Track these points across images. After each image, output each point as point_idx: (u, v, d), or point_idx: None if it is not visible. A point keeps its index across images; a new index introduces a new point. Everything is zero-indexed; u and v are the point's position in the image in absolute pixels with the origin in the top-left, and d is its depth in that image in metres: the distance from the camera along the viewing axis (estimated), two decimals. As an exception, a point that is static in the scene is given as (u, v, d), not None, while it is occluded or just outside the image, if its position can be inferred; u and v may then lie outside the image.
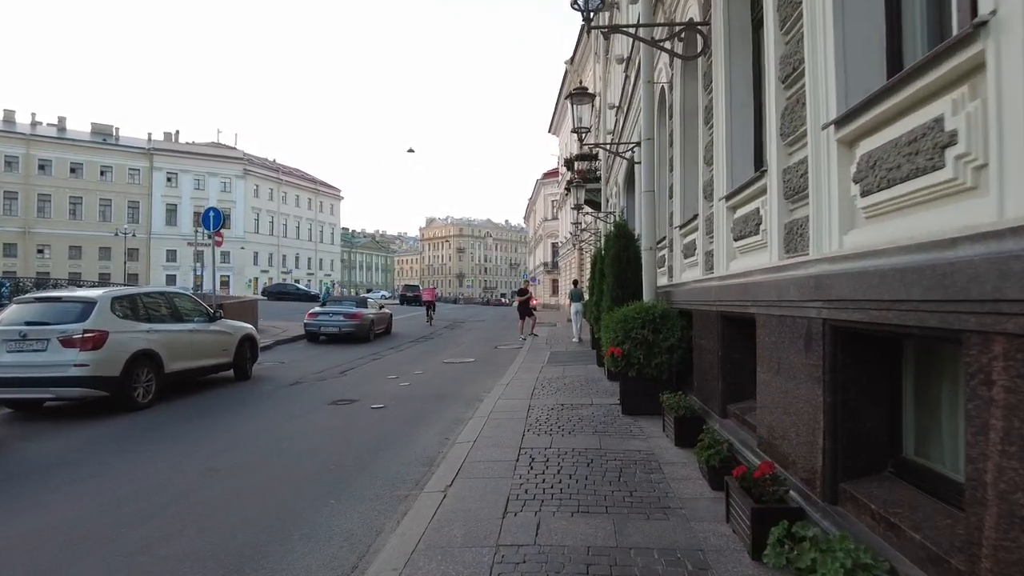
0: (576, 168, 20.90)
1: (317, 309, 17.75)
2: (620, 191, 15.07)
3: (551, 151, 70.18)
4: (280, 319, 23.72)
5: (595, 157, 20.39)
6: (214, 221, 16.34)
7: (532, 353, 13.77)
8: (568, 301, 17.18)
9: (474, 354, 14.58)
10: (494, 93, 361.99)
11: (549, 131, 48.12)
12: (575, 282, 18.42)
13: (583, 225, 24.19)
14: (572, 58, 33.68)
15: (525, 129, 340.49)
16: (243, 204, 74.33)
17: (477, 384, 9.75)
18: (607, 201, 18.39)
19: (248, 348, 10.82)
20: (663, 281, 7.60)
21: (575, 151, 23.43)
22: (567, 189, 22.67)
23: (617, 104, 14.03)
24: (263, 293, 49.37)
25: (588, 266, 31.33)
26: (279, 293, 43.30)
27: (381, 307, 20.19)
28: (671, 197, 7.42)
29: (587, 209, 24.47)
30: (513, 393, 8.07)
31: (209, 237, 22.31)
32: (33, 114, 64.83)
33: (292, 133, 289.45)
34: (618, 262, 8.85)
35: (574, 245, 30.01)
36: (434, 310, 27.07)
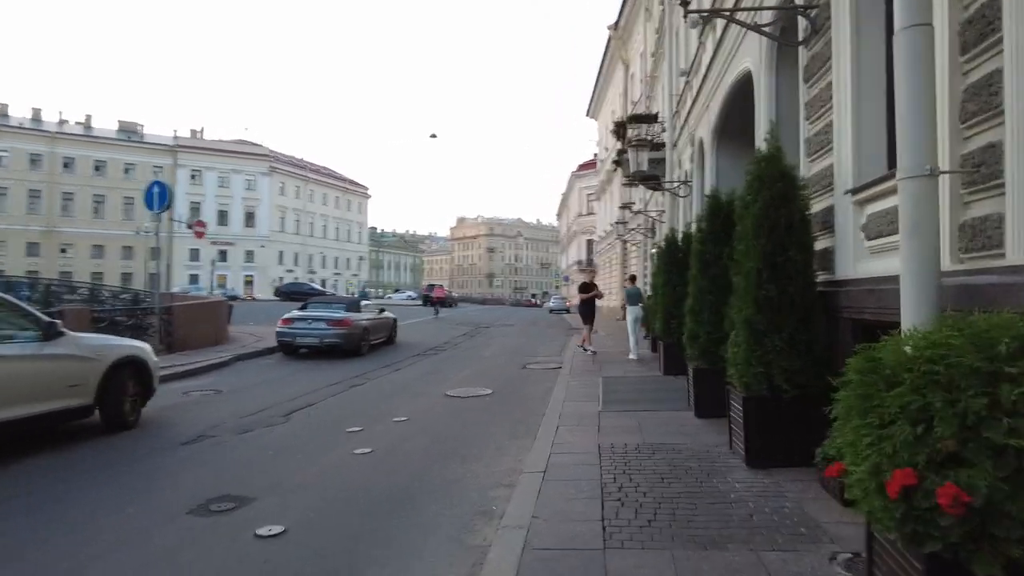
0: (628, 136, 16.43)
1: (295, 314, 13.71)
2: (704, 149, 10.58)
3: (589, 137, 65.88)
4: (271, 323, 19.89)
5: (654, 118, 15.89)
6: (159, 199, 12.52)
7: (577, 381, 9.41)
8: (622, 303, 12.71)
9: (493, 379, 10.28)
10: (525, 86, 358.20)
11: (587, 115, 43.51)
12: (632, 278, 13.87)
13: (636, 206, 19.60)
14: (616, 23, 29.16)
15: (559, 123, 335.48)
16: (268, 202, 72.20)
17: (488, 456, 5.44)
18: (674, 169, 13.90)
19: (131, 380, 6.76)
20: (949, 264, 3.03)
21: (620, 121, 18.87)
22: (616, 162, 18.19)
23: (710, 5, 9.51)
24: (276, 293, 46.20)
25: (635, 262, 26.67)
26: (292, 293, 39.79)
27: (382, 311, 16.06)
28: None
29: (629, 199, 19.92)
30: (559, 507, 3.73)
31: (188, 227, 18.37)
32: (60, 112, 63.70)
33: (320, 132, 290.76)
34: (770, 230, 4.44)
35: (618, 237, 25.45)
36: (439, 306, 32.80)
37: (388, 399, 8.57)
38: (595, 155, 46.56)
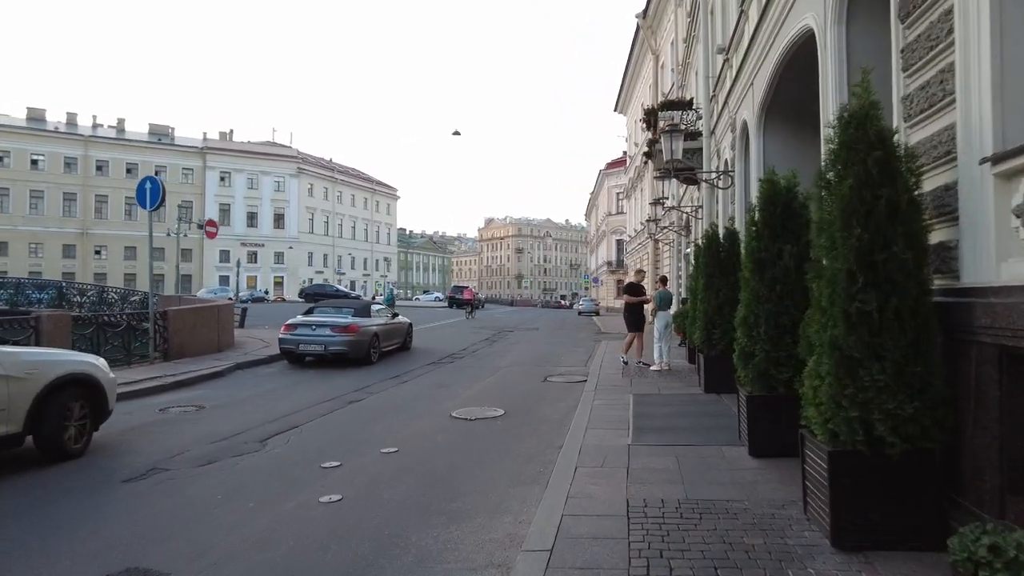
0: (660, 126, 15.09)
1: (298, 319, 12.75)
2: (749, 132, 9.23)
3: (618, 133, 64.43)
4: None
5: (689, 104, 14.53)
6: (151, 196, 11.69)
7: (604, 399, 8.17)
8: (652, 307, 11.40)
9: (507, 395, 9.11)
10: (552, 85, 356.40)
11: (615, 110, 42.01)
12: (663, 280, 12.53)
13: (669, 201, 18.17)
14: (645, 11, 27.69)
15: (587, 122, 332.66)
16: (297, 203, 72.44)
17: (483, 512, 4.22)
18: (712, 159, 12.55)
19: (77, 402, 5.80)
20: None
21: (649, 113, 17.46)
22: (647, 154, 16.84)
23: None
24: (300, 294, 45.89)
25: (667, 263, 25.16)
26: (316, 294, 39.27)
27: (395, 315, 15.03)
28: None
29: (661, 195, 18.48)
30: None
31: (199, 227, 17.81)
32: (94, 116, 64.76)
33: (350, 134, 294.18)
34: (866, 217, 3.18)
35: (649, 236, 24.00)
36: (472, 307, 35.24)
37: (384, 420, 7.47)
38: (624, 152, 45.06)
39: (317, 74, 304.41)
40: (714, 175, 11.46)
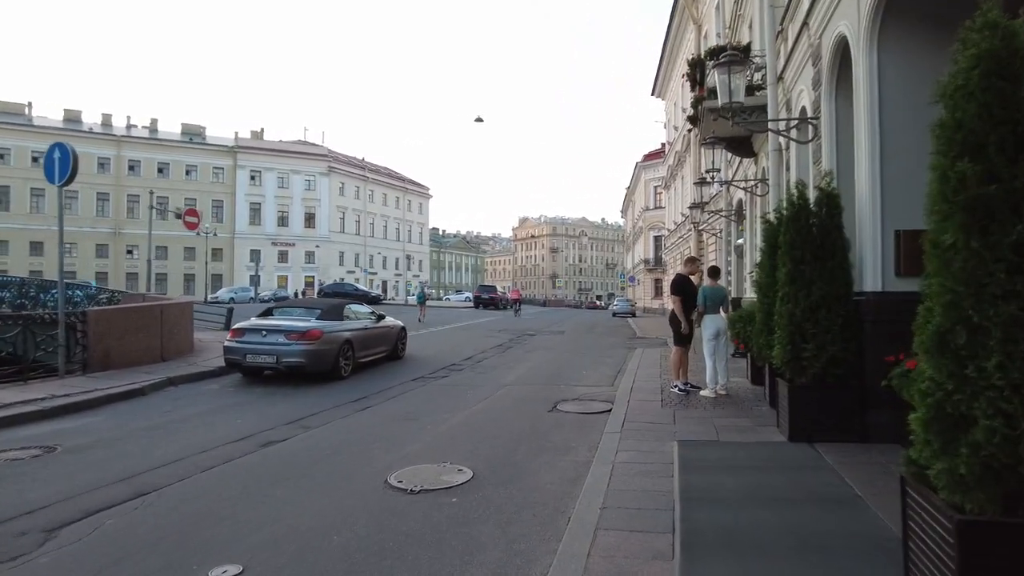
0: (711, 72, 12.00)
1: (250, 323, 10.16)
2: (854, 53, 6.15)
3: (655, 118, 60.96)
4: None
5: (746, 51, 11.41)
6: (60, 167, 9.34)
7: (632, 449, 5.28)
8: (700, 307, 8.36)
9: (489, 439, 6.28)
10: (588, 80, 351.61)
11: (652, 94, 38.67)
12: (714, 271, 9.30)
13: (720, 173, 14.95)
14: (688, -25, 24.47)
15: (624, 121, 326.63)
16: (328, 202, 71.35)
17: None
18: (779, 112, 9.46)
19: None
20: None
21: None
22: (691, 118, 13.70)
23: None
24: (319, 293, 44.14)
25: (714, 257, 21.91)
26: (335, 293, 37.35)
27: (380, 317, 12.33)
28: None
29: (710, 167, 15.35)
30: None
31: (177, 216, 16.51)
32: (128, 117, 64.92)
33: (384, 137, 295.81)
34: None
35: (693, 224, 20.81)
36: (519, 305, 38.81)
37: (281, 487, 4.76)
38: (663, 143, 41.60)
39: (349, 73, 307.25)
40: (783, 124, 8.38)
